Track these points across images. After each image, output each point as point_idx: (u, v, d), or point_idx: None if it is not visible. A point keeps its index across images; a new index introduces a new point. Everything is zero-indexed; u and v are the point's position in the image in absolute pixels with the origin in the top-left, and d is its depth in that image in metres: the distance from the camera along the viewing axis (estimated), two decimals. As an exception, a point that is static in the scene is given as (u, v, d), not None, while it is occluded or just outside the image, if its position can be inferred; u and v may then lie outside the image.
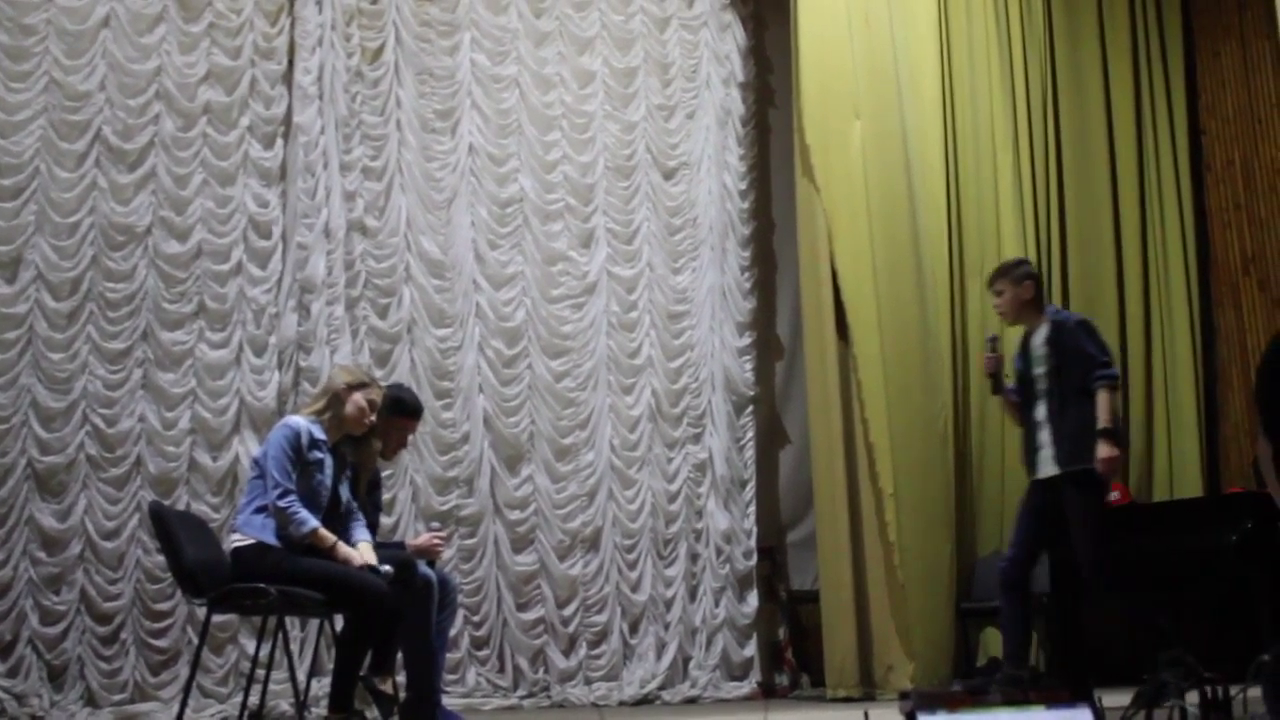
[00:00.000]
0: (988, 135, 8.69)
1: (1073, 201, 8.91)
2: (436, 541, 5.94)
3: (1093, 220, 8.95)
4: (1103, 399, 5.86)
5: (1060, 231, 8.86)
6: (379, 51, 8.20)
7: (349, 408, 5.35)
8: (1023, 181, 8.72)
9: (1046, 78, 8.97)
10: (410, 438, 6.30)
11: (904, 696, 2.56)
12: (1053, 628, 8.05)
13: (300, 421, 5.29)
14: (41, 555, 7.12)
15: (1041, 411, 6.08)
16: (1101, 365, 5.95)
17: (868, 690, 7.67)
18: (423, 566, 5.59)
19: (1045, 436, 6.04)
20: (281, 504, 5.10)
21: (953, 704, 2.76)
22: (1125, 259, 8.98)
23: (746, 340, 8.71)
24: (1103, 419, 5.83)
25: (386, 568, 5.23)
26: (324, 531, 5.15)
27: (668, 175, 8.73)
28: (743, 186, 8.84)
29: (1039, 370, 6.10)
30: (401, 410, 5.86)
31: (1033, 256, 8.60)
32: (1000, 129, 8.70)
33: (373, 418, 5.42)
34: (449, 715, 5.62)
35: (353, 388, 5.38)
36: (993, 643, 8.21)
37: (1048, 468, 6.05)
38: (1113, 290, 8.91)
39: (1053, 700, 2.84)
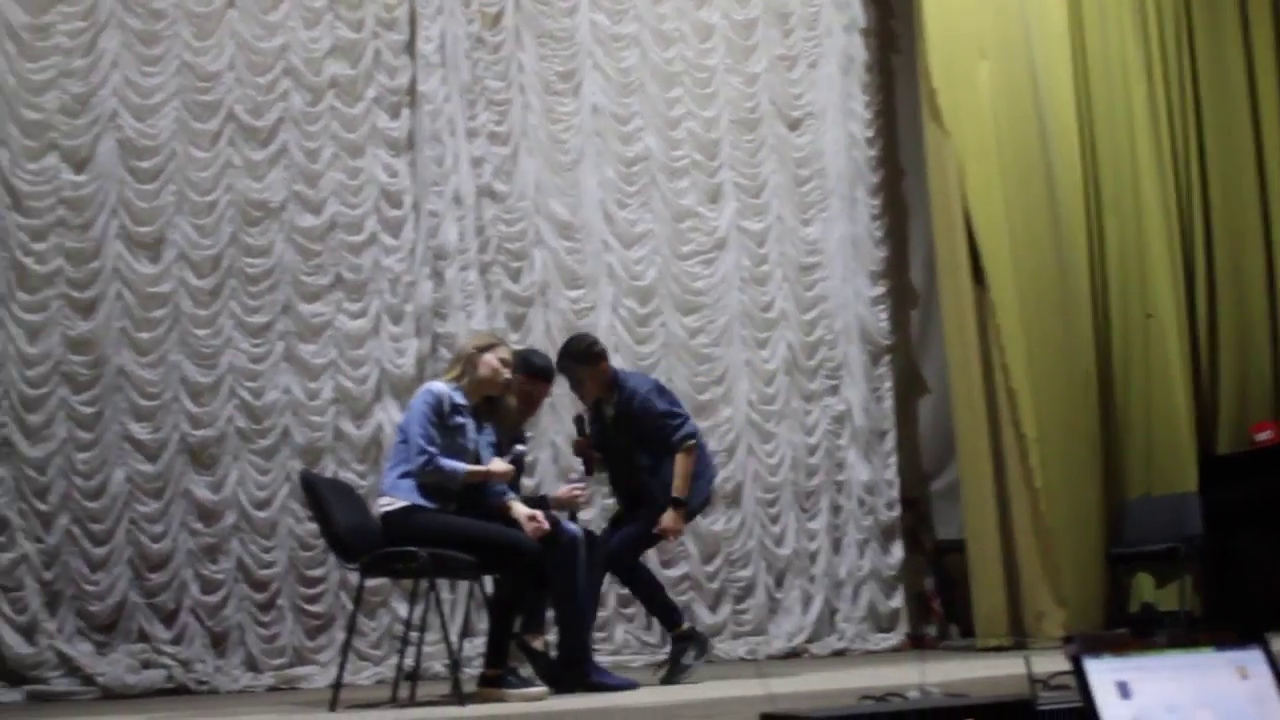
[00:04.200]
0: (1119, 67, 8.45)
1: (1212, 130, 8.65)
2: (577, 492, 5.99)
3: (1233, 148, 8.67)
4: (680, 463, 5.89)
5: (1200, 162, 8.61)
6: (498, 17, 8.20)
7: (482, 369, 5.42)
8: (1158, 112, 8.47)
9: (1180, 2, 8.68)
10: (547, 401, 6.34)
11: (1068, 641, 2.50)
12: (1209, 571, 7.88)
13: (441, 387, 5.37)
14: (199, 526, 7.31)
15: (630, 473, 6.05)
16: (676, 427, 5.92)
17: (1019, 639, 7.57)
18: (569, 525, 5.62)
19: (640, 491, 6.02)
20: (427, 467, 5.17)
21: (1119, 647, 2.68)
22: (1269, 187, 8.68)
23: (880, 289, 8.62)
24: (677, 485, 5.87)
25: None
26: (473, 468, 5.27)
27: (793, 126, 8.64)
28: (869, 134, 8.72)
29: (620, 439, 6.02)
30: (529, 370, 5.86)
31: (1171, 189, 8.40)
32: (1133, 60, 8.46)
33: (508, 374, 5.48)
34: (600, 672, 5.65)
35: (482, 349, 5.46)
36: (1144, 587, 8.05)
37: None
38: (1257, 217, 8.64)
39: (1222, 642, 2.74)
